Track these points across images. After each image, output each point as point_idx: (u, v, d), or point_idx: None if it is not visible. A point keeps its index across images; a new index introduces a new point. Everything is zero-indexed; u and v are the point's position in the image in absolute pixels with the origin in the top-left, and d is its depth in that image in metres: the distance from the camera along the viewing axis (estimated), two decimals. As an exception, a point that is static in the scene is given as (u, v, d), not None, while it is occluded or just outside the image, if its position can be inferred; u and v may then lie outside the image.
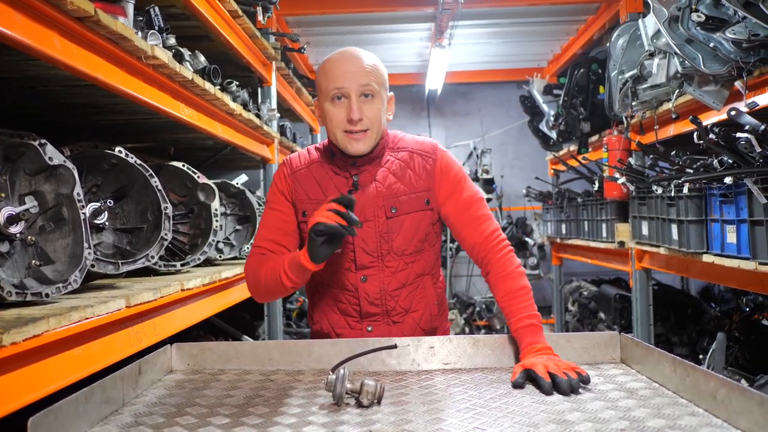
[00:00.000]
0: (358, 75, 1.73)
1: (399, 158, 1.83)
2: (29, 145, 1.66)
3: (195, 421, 1.27)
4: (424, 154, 1.84)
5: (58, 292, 1.62)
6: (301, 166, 1.86)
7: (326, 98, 1.76)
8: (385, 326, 1.82)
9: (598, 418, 1.23)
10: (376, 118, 1.75)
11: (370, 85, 1.73)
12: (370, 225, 1.78)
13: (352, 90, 1.72)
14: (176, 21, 2.78)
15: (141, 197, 2.18)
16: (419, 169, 1.82)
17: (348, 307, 1.83)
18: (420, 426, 1.22)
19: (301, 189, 1.82)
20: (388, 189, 1.79)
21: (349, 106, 1.72)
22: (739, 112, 2.35)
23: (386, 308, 1.81)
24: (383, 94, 1.78)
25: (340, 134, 1.75)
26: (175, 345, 1.70)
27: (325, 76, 1.77)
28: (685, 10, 2.70)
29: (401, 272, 1.81)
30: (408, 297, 1.83)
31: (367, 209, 1.77)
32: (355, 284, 1.80)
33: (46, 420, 1.07)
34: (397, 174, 1.81)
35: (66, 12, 1.58)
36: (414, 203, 1.80)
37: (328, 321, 1.86)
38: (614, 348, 1.68)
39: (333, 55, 1.80)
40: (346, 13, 5.39)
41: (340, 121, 1.74)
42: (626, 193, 4.07)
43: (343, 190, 1.79)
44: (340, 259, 1.80)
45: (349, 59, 1.76)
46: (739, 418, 1.15)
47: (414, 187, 1.80)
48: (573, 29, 6.04)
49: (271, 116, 3.87)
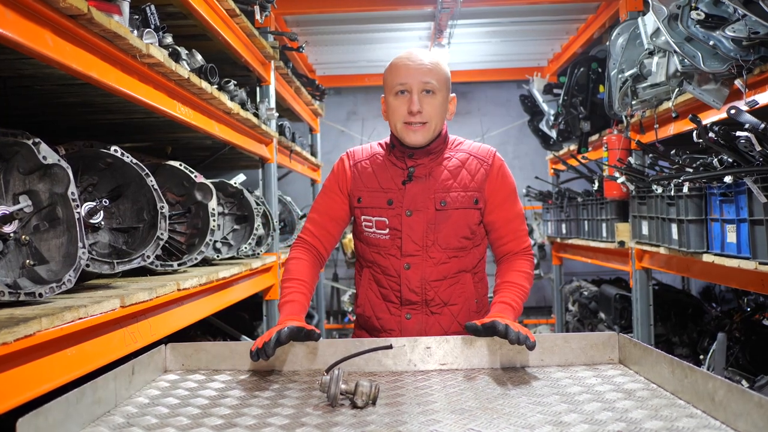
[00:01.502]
0: (420, 72, 1.85)
1: (456, 157, 1.95)
2: (23, 143, 1.64)
3: (187, 422, 1.26)
4: (481, 158, 1.95)
5: (52, 292, 1.60)
6: (363, 157, 1.99)
7: (390, 92, 1.88)
8: (423, 316, 1.90)
9: (594, 419, 1.22)
10: (435, 113, 1.86)
11: (430, 82, 1.84)
12: (419, 215, 1.87)
13: (414, 85, 1.84)
14: (173, 20, 2.77)
15: (137, 196, 2.17)
16: (474, 170, 1.92)
17: (390, 292, 1.91)
18: (415, 427, 1.21)
19: (360, 178, 1.95)
20: (440, 184, 1.90)
21: (410, 100, 1.84)
22: (738, 110, 2.33)
23: (426, 298, 1.89)
24: (444, 92, 1.89)
25: (400, 125, 1.87)
26: (169, 345, 1.68)
27: (391, 72, 1.89)
28: (685, 8, 2.69)
29: (443, 265, 1.89)
30: (448, 290, 1.90)
31: (419, 199, 1.88)
32: (398, 270, 1.89)
33: (35, 421, 1.05)
34: (451, 171, 1.92)
35: (59, 10, 1.57)
36: (463, 200, 1.89)
37: (370, 305, 1.95)
38: (612, 348, 1.67)
39: (400, 54, 1.92)
40: (345, 12, 5.38)
41: (401, 113, 1.86)
42: (626, 193, 4.06)
43: (398, 179, 1.91)
44: (387, 244, 1.90)
45: (413, 57, 1.88)
46: (737, 420, 1.14)
47: (466, 186, 1.90)
48: (573, 28, 6.02)
49: (269, 115, 3.85)
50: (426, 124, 1.85)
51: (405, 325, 1.90)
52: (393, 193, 1.90)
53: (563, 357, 1.64)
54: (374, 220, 1.91)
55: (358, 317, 2.01)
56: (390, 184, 1.91)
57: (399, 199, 1.89)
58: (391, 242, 1.89)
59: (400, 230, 1.88)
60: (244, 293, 3.19)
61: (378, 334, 1.93)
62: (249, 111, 3.39)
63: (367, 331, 1.98)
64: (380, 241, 1.90)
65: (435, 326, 1.89)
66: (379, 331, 1.93)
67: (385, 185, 1.91)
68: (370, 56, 6.58)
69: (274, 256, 3.74)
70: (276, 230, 3.85)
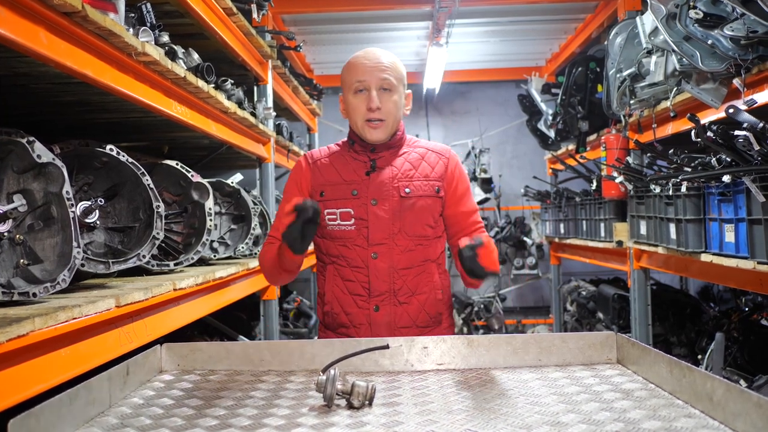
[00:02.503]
0: (378, 70, 1.92)
1: (415, 151, 2.03)
2: (17, 142, 1.63)
3: (182, 423, 1.25)
4: (438, 153, 2.04)
5: (47, 291, 1.59)
6: (321, 156, 2.04)
7: (349, 91, 1.95)
8: (392, 306, 1.94)
9: (592, 419, 1.21)
10: (393, 109, 1.93)
11: (388, 80, 1.92)
12: (384, 203, 1.93)
13: (372, 83, 1.91)
14: (170, 18, 2.76)
15: (133, 196, 2.16)
16: (433, 163, 2.01)
17: (357, 285, 1.94)
18: (411, 428, 1.20)
19: (320, 174, 1.99)
20: (403, 173, 1.96)
21: (369, 97, 1.91)
22: (737, 109, 2.32)
23: (394, 287, 1.93)
24: (401, 89, 1.97)
25: (361, 123, 1.93)
26: (164, 345, 1.67)
27: (349, 71, 1.96)
28: (683, 7, 2.68)
29: (410, 252, 1.94)
30: (415, 279, 1.95)
31: (383, 188, 1.94)
32: (365, 261, 1.93)
33: (26, 423, 1.04)
34: (413, 163, 1.99)
35: (53, 7, 1.56)
36: (426, 188, 1.97)
37: (338, 301, 1.97)
38: (610, 348, 1.66)
39: (357, 53, 1.99)
40: (343, 11, 5.37)
41: (361, 111, 1.92)
42: (624, 193, 4.05)
43: (361, 172, 1.96)
44: (353, 235, 1.93)
45: (370, 56, 1.95)
46: (736, 420, 1.13)
47: (427, 177, 1.98)
48: (571, 28, 6.02)
49: (267, 115, 3.84)
50: (384, 121, 1.92)
51: (374, 317, 1.93)
52: (357, 185, 1.94)
53: (561, 357, 1.63)
54: (338, 212, 1.94)
55: (325, 316, 2.01)
56: (353, 176, 1.96)
57: (363, 189, 1.94)
58: (357, 232, 1.93)
59: (366, 219, 1.92)
60: (241, 293, 3.17)
61: (346, 331, 1.94)
62: (246, 110, 3.37)
63: (333, 330, 1.99)
64: (345, 233, 1.94)
65: (404, 316, 1.94)
66: (348, 327, 1.94)
67: (347, 177, 1.96)
68: (368, 56, 6.56)
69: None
70: (273, 230, 3.84)
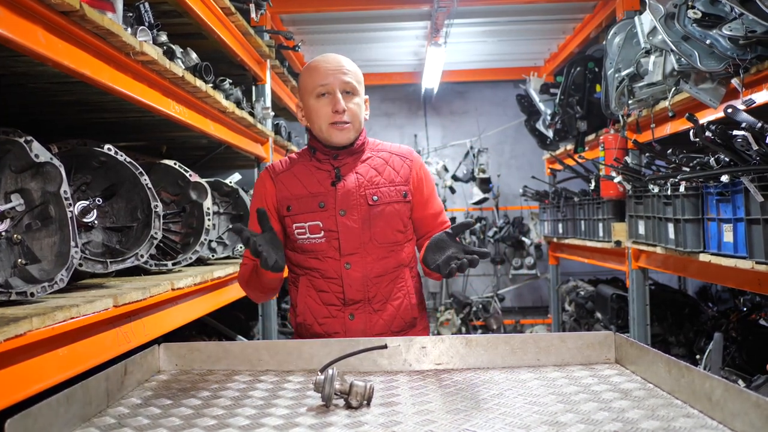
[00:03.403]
0: (340, 73, 1.90)
1: (379, 156, 1.99)
2: (15, 141, 1.63)
3: (180, 423, 1.24)
4: (402, 156, 2.01)
5: (44, 291, 1.59)
6: (282, 169, 1.99)
7: (311, 95, 1.91)
8: (366, 314, 1.92)
9: (591, 419, 1.21)
10: (357, 112, 1.91)
11: (350, 83, 1.90)
12: (353, 212, 1.89)
13: (335, 86, 1.89)
14: (168, 18, 2.76)
15: (131, 195, 2.15)
16: (398, 166, 1.98)
17: (331, 296, 1.91)
18: (409, 427, 1.20)
19: (285, 188, 1.94)
20: (369, 180, 1.93)
21: (334, 100, 1.88)
22: (735, 109, 2.32)
23: (368, 296, 1.91)
24: (361, 93, 1.95)
25: (326, 126, 1.89)
26: (162, 345, 1.67)
27: (310, 74, 1.93)
28: (682, 7, 2.68)
29: (383, 260, 1.92)
30: (389, 285, 1.94)
31: (351, 198, 1.90)
32: (338, 271, 1.90)
33: (24, 422, 1.04)
34: (377, 168, 1.96)
35: (51, 6, 1.55)
36: (393, 194, 1.94)
37: (311, 312, 1.93)
38: (609, 348, 1.66)
39: (315, 58, 1.98)
40: (342, 11, 5.36)
41: (325, 114, 1.88)
42: (623, 192, 4.05)
43: (326, 182, 1.92)
44: (324, 247, 1.90)
45: (331, 60, 1.94)
46: (734, 420, 1.13)
47: (393, 182, 1.95)
48: (570, 27, 6.02)
49: (265, 115, 3.84)
50: (350, 123, 1.89)
51: (349, 325, 1.91)
52: (323, 196, 1.90)
53: (559, 357, 1.63)
54: (307, 225, 1.90)
55: (298, 326, 1.96)
56: (318, 188, 1.91)
57: (330, 200, 1.89)
58: (328, 244, 1.89)
59: (336, 230, 1.89)
60: (240, 293, 3.16)
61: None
62: (244, 110, 3.37)
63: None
64: (316, 245, 1.90)
65: (379, 323, 1.92)
66: (322, 336, 1.90)
67: (312, 190, 1.91)
68: (367, 56, 6.56)
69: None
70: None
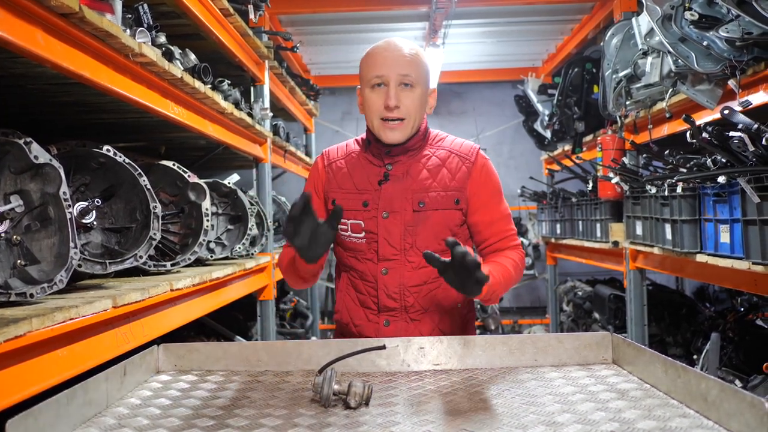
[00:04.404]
0: (398, 63, 1.74)
1: (436, 155, 1.84)
2: (14, 143, 1.63)
3: (179, 424, 1.25)
4: (463, 156, 1.85)
5: (44, 292, 1.59)
6: (337, 157, 1.89)
7: (367, 85, 1.78)
8: (403, 323, 1.82)
9: (588, 419, 1.22)
10: (413, 107, 1.76)
11: (409, 75, 1.74)
12: (396, 217, 1.78)
13: (391, 78, 1.74)
14: (166, 19, 2.76)
15: (130, 196, 2.16)
16: (455, 169, 1.82)
17: (367, 299, 1.83)
18: (407, 428, 1.20)
19: (334, 179, 1.86)
20: (419, 183, 1.79)
21: (387, 93, 1.74)
22: (732, 111, 2.33)
23: (405, 304, 1.80)
24: (424, 85, 1.79)
25: (377, 122, 1.77)
26: (162, 345, 1.67)
27: (367, 63, 1.79)
28: (679, 9, 2.69)
29: (423, 269, 1.78)
30: (428, 295, 1.81)
31: (395, 201, 1.78)
32: (375, 275, 1.80)
33: (24, 423, 1.04)
34: (431, 170, 1.81)
35: (50, 8, 1.56)
36: (443, 201, 1.80)
37: (347, 311, 1.87)
38: (606, 348, 1.66)
39: (376, 44, 1.82)
40: (340, 11, 5.36)
41: (377, 108, 1.76)
42: (620, 193, 4.06)
43: (374, 180, 1.81)
44: (363, 248, 1.81)
45: (391, 48, 1.77)
46: (730, 420, 1.13)
47: (446, 186, 1.80)
48: (567, 28, 6.03)
49: (263, 115, 3.84)
50: (404, 120, 1.76)
51: (383, 332, 1.81)
52: (368, 194, 1.80)
53: (557, 357, 1.64)
54: (349, 223, 1.81)
55: (337, 324, 1.92)
56: (365, 184, 1.81)
57: (375, 200, 1.79)
58: (368, 246, 1.80)
59: (376, 233, 1.78)
60: (238, 293, 3.18)
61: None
62: (243, 111, 3.38)
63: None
64: (356, 245, 1.81)
65: (415, 334, 1.79)
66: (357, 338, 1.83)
67: (360, 186, 1.81)
68: (365, 56, 6.57)
69: (268, 257, 3.73)
70: (270, 230, 3.85)
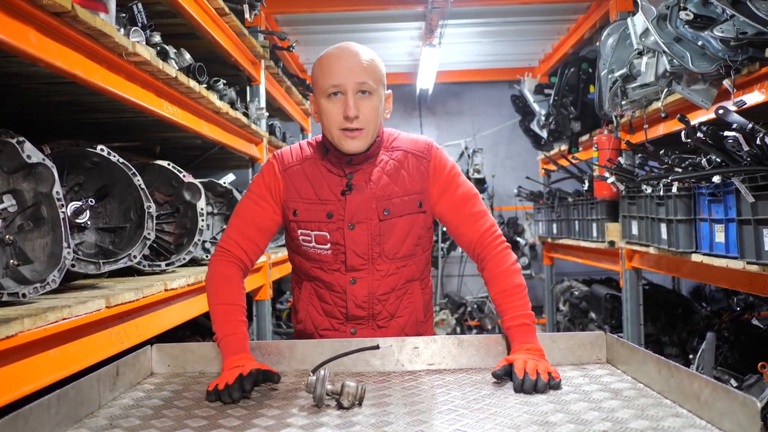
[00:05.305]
0: (355, 71, 1.67)
1: (393, 158, 1.78)
2: (6, 142, 1.63)
3: (171, 424, 1.25)
4: (419, 155, 1.79)
5: (36, 292, 1.59)
6: (293, 162, 1.79)
7: (322, 94, 1.71)
8: (370, 330, 1.78)
9: (580, 419, 1.22)
10: (372, 116, 1.70)
11: (367, 83, 1.68)
12: (362, 227, 1.73)
13: (348, 87, 1.67)
14: (161, 18, 2.75)
15: (124, 196, 2.15)
16: (413, 170, 1.77)
17: (334, 308, 1.78)
18: (400, 428, 1.20)
19: (293, 187, 1.76)
20: (381, 190, 1.74)
21: (345, 103, 1.67)
22: (726, 110, 2.33)
23: (373, 312, 1.77)
24: (381, 91, 1.72)
25: (336, 132, 1.70)
26: (155, 346, 1.67)
27: (322, 71, 1.71)
28: (674, 9, 2.69)
29: (391, 276, 1.76)
30: (395, 302, 1.79)
31: (360, 211, 1.73)
32: (343, 286, 1.75)
33: (14, 424, 1.04)
34: (391, 175, 1.76)
35: (42, 7, 1.55)
36: (407, 206, 1.75)
37: (312, 321, 1.82)
38: (600, 348, 1.67)
39: (330, 50, 1.74)
40: (336, 11, 5.36)
41: (335, 118, 1.69)
42: (616, 193, 4.06)
43: (337, 190, 1.74)
44: (329, 260, 1.75)
45: (347, 54, 1.70)
46: (722, 419, 1.14)
47: (407, 189, 1.76)
48: (564, 28, 6.03)
49: (259, 115, 3.84)
50: (363, 129, 1.69)
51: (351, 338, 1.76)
52: (332, 205, 1.73)
53: (551, 357, 1.63)
54: (313, 235, 1.74)
55: (298, 333, 1.86)
56: (328, 194, 1.74)
57: (339, 211, 1.73)
58: (334, 257, 1.74)
59: (343, 244, 1.73)
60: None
61: None
62: (239, 110, 3.37)
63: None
64: (322, 256, 1.75)
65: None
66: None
67: (322, 196, 1.74)
68: (362, 56, 6.56)
69: (263, 257, 3.72)
70: (266, 230, 3.83)
